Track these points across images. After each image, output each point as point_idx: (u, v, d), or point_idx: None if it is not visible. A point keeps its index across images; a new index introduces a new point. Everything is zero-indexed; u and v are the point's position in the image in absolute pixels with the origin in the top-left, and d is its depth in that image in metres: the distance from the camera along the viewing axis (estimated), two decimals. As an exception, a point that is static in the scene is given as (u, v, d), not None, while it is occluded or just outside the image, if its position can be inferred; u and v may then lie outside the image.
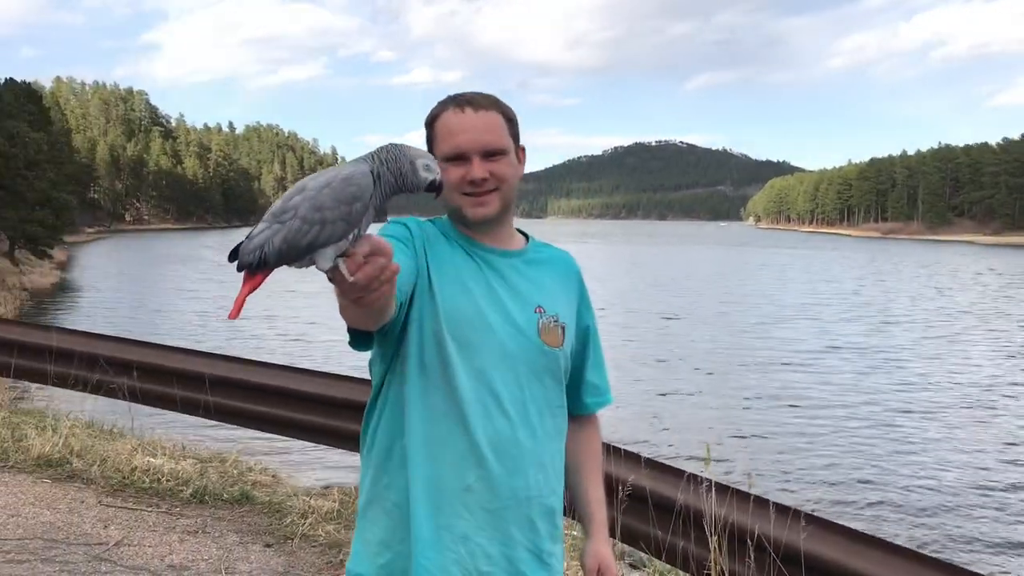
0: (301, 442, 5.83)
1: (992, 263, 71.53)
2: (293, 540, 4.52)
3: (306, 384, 5.21)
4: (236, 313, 1.25)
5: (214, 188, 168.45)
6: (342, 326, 1.50)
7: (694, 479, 3.74)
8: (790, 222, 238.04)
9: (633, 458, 3.94)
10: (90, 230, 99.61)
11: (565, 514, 2.08)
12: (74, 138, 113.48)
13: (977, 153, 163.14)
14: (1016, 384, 18.45)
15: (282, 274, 1.31)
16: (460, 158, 1.66)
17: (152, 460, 5.43)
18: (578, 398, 1.88)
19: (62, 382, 5.71)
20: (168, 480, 5.19)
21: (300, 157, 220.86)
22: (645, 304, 34.12)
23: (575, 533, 4.34)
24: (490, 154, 1.67)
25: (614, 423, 13.34)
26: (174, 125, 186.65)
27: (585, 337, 1.87)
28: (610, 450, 3.91)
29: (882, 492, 10.83)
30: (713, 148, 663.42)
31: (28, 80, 58.72)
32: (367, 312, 1.39)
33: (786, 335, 25.36)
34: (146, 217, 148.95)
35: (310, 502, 5.01)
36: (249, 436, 6.70)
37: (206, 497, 5.05)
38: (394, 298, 1.46)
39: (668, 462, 4.15)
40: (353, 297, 1.25)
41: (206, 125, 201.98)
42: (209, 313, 27.92)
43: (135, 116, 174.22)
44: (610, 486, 3.76)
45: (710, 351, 22.15)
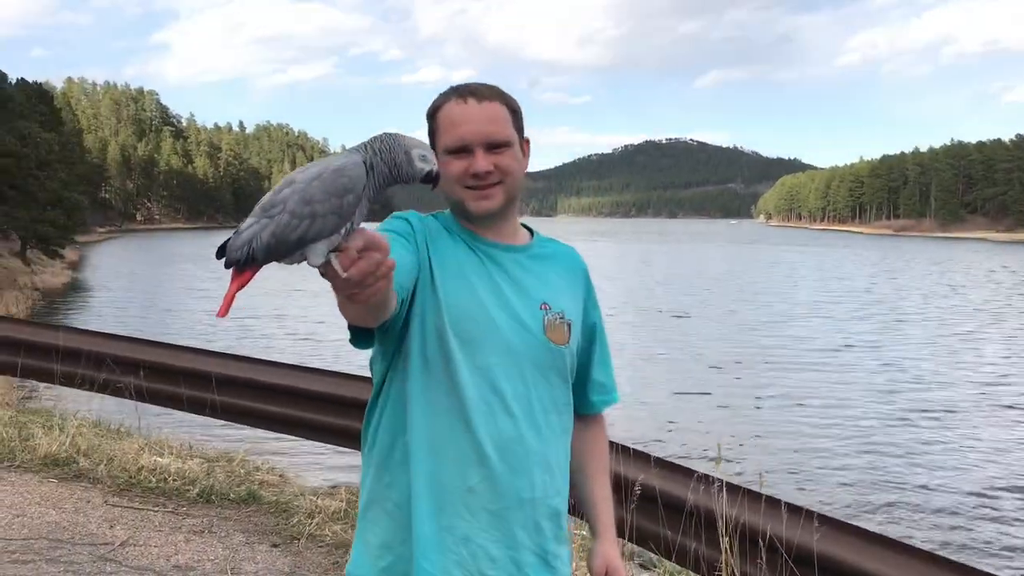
0: (309, 441, 5.80)
1: (1006, 260, 71.07)
2: (300, 540, 4.49)
3: (314, 383, 5.18)
4: (225, 311, 1.21)
5: (224, 187, 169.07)
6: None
7: (705, 479, 3.69)
8: (801, 220, 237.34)
9: (643, 458, 3.90)
10: (101, 230, 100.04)
11: (571, 514, 2.04)
12: (85, 138, 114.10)
13: (990, 150, 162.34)
14: (1032, 382, 18.27)
15: (288, 274, 1.26)
16: (463, 150, 1.62)
17: (159, 459, 5.40)
18: (584, 396, 1.84)
19: (69, 381, 5.70)
20: (175, 480, 5.17)
21: (310, 156, 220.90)
22: (655, 302, 34.01)
23: (583, 533, 4.29)
24: (494, 146, 1.62)
25: (624, 422, 13.28)
26: (185, 125, 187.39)
27: (591, 334, 1.83)
28: (619, 449, 3.87)
29: (896, 493, 10.69)
30: (724, 146, 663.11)
31: (39, 81, 59.13)
32: (365, 309, 1.35)
33: (798, 333, 25.19)
34: (157, 217, 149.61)
35: (317, 502, 4.98)
36: (257, 435, 6.68)
37: (213, 497, 5.02)
38: (394, 294, 1.42)
39: (679, 462, 4.10)
40: (347, 293, 1.20)
41: (216, 125, 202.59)
42: (215, 311, 27.94)
43: (146, 116, 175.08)
44: (620, 486, 3.71)
45: (721, 349, 22.02)
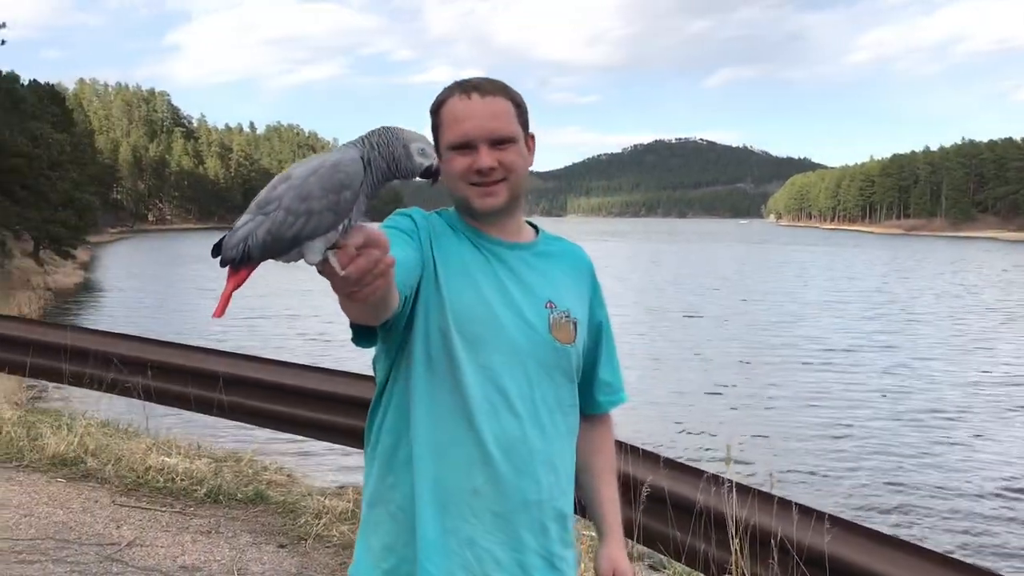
0: (317, 442, 5.78)
1: (1018, 259, 70.63)
2: (307, 541, 4.47)
3: (322, 383, 5.16)
4: (221, 311, 1.18)
5: (235, 188, 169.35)
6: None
7: (715, 480, 3.65)
8: (811, 219, 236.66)
9: (652, 458, 3.86)
10: (113, 230, 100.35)
11: (579, 515, 2.01)
12: (97, 139, 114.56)
13: (1002, 148, 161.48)
14: (1046, 383, 18.11)
15: (298, 273, 1.23)
16: (466, 146, 1.59)
17: (167, 459, 5.40)
18: (590, 396, 1.81)
19: (77, 381, 5.70)
20: (182, 480, 5.16)
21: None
22: (665, 302, 33.93)
23: (591, 534, 4.26)
24: (498, 142, 1.59)
25: (634, 422, 13.22)
26: (196, 125, 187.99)
27: (598, 333, 1.80)
28: (628, 449, 3.84)
29: (909, 494, 10.59)
30: (733, 145, 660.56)
31: (51, 82, 59.27)
32: (366, 307, 1.32)
33: (809, 333, 25.07)
34: (168, 217, 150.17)
35: (324, 502, 4.97)
36: (265, 435, 6.66)
37: (220, 497, 5.01)
38: (396, 292, 1.39)
39: (688, 462, 4.07)
40: (346, 292, 1.18)
41: (227, 125, 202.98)
42: (230, 312, 28.01)
43: (157, 117, 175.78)
44: (629, 486, 3.68)
45: (731, 349, 21.94)
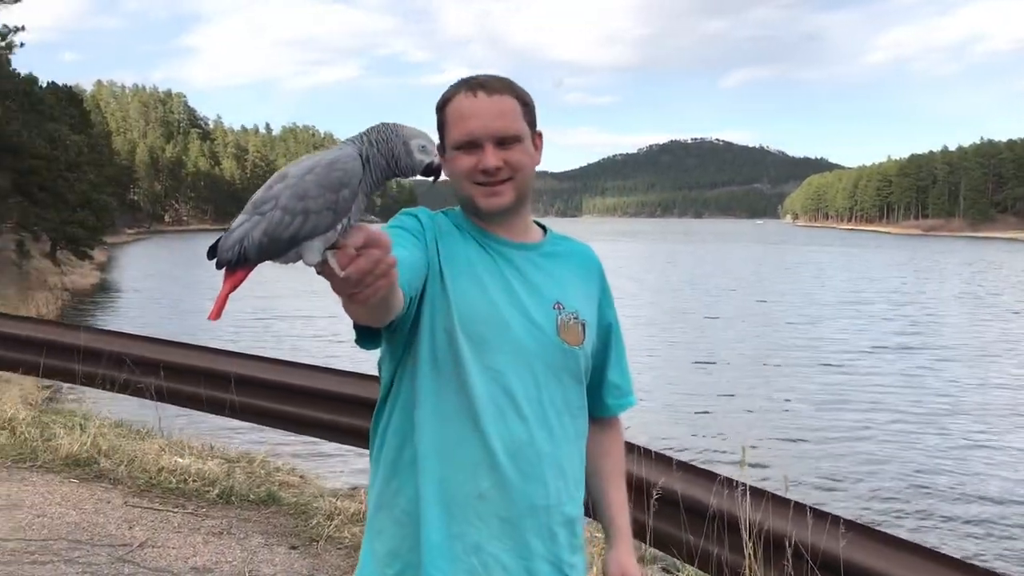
0: (330, 443, 5.77)
1: (1038, 260, 69.99)
2: (318, 542, 4.46)
3: (331, 383, 5.15)
4: (217, 314, 1.15)
5: (251, 189, 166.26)
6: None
7: (728, 483, 3.61)
8: (828, 219, 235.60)
9: (664, 461, 3.82)
10: (130, 231, 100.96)
11: (590, 518, 1.98)
12: (114, 140, 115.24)
13: (1021, 148, 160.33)
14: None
15: (310, 273, 1.19)
16: (472, 145, 1.56)
17: (179, 460, 5.40)
18: (599, 399, 1.78)
19: (90, 381, 5.71)
20: (195, 480, 5.15)
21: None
22: (682, 303, 33.81)
23: (601, 535, 4.22)
24: (504, 141, 1.56)
25: (648, 425, 13.17)
26: (212, 127, 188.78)
27: (607, 335, 1.77)
28: (641, 452, 3.80)
29: (928, 499, 10.44)
30: (750, 145, 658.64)
31: (69, 84, 59.63)
32: (369, 308, 1.30)
33: (827, 334, 24.88)
34: (185, 218, 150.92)
35: (336, 503, 4.95)
36: (278, 436, 6.66)
37: (232, 498, 5.00)
38: (401, 293, 1.36)
39: (703, 465, 4.03)
40: (347, 293, 1.15)
41: (243, 127, 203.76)
42: (245, 313, 28.13)
43: (174, 118, 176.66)
44: (642, 489, 3.65)
45: (748, 351, 21.82)
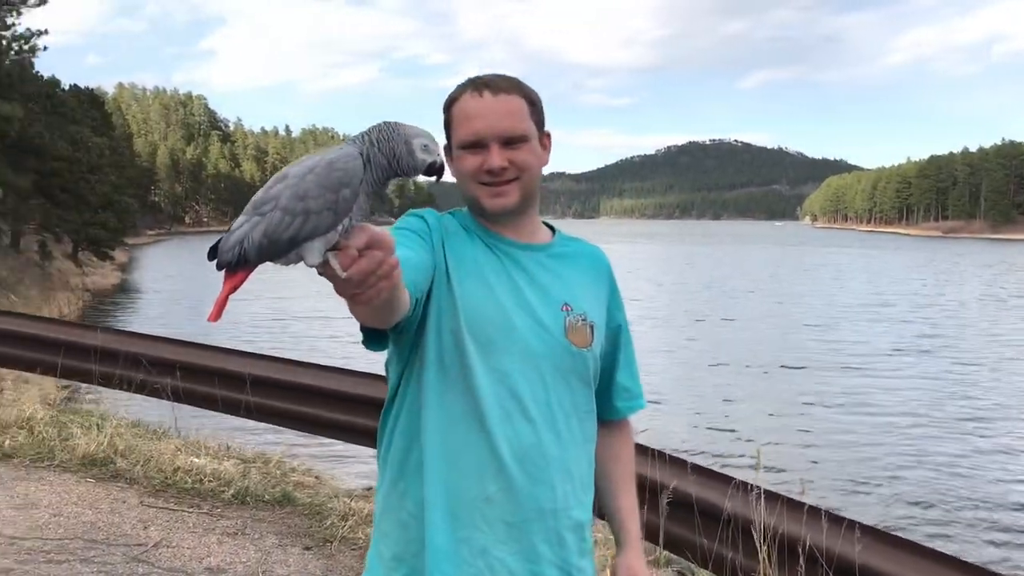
0: (346, 444, 5.77)
1: (1060, 262, 69.23)
2: (332, 543, 4.47)
3: (349, 385, 5.16)
4: (216, 316, 1.15)
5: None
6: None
7: (743, 486, 3.59)
8: (847, 221, 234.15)
9: (679, 464, 3.80)
10: (151, 232, 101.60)
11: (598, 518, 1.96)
12: (135, 142, 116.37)
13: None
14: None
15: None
16: (477, 145, 1.55)
17: (195, 460, 5.42)
18: (608, 402, 1.76)
19: (107, 382, 5.75)
20: (210, 481, 5.17)
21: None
22: (700, 305, 33.67)
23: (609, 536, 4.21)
24: (510, 141, 1.55)
25: (665, 427, 13.12)
26: (232, 129, 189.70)
27: (616, 337, 1.75)
28: (655, 455, 3.79)
29: (948, 505, 10.27)
30: (768, 147, 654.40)
31: (92, 86, 60.11)
32: (372, 310, 1.29)
33: (846, 337, 24.70)
34: (205, 219, 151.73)
35: (351, 504, 4.96)
36: (295, 437, 6.69)
37: (247, 498, 5.02)
38: (407, 294, 1.36)
39: (719, 468, 4.02)
40: (349, 295, 1.14)
41: (263, 129, 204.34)
42: (263, 314, 28.27)
43: (194, 120, 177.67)
44: (655, 492, 3.64)
45: (766, 353, 21.69)
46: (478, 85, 1.57)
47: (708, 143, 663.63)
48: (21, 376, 7.52)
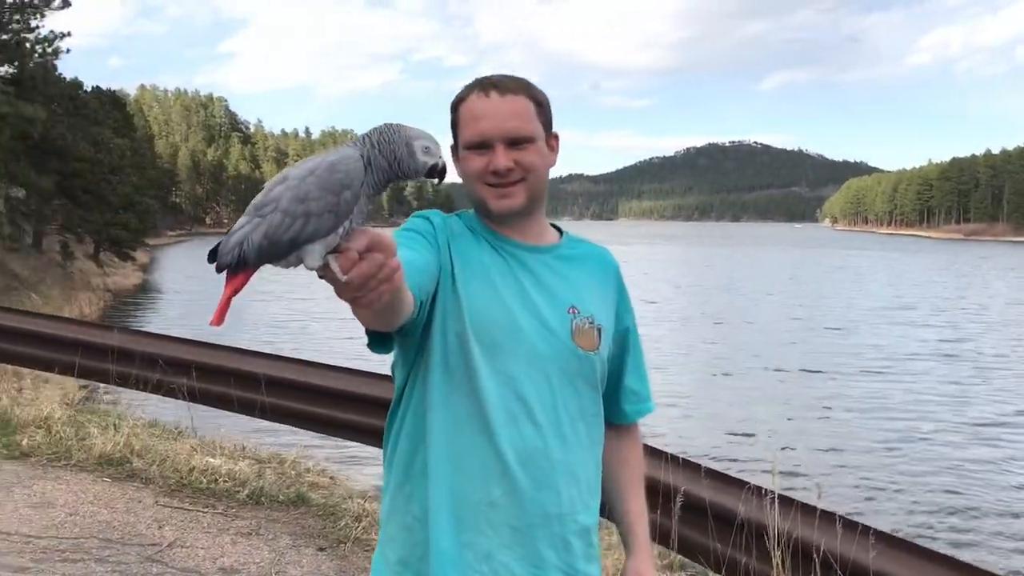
0: (362, 445, 5.78)
1: (1085, 266, 68.38)
2: (346, 544, 4.46)
3: (365, 386, 5.14)
4: (219, 319, 1.13)
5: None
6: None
7: (757, 491, 3.56)
8: (867, 224, 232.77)
9: (692, 468, 3.78)
10: (171, 233, 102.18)
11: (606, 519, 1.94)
12: (156, 144, 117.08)
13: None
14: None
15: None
16: (483, 146, 1.54)
17: (211, 460, 5.43)
18: (616, 405, 1.74)
19: (123, 382, 5.78)
20: (225, 481, 5.18)
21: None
22: (719, 308, 33.50)
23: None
24: (516, 142, 1.54)
25: (681, 431, 13.07)
26: (252, 131, 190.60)
27: (624, 340, 1.73)
28: (668, 458, 3.77)
29: (969, 513, 10.10)
30: (788, 148, 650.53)
31: (114, 88, 60.51)
32: (374, 313, 1.28)
33: (868, 340, 24.45)
34: (225, 220, 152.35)
35: (365, 505, 4.96)
36: (311, 438, 6.69)
37: (262, 499, 5.02)
38: (410, 297, 1.34)
39: (736, 472, 3.99)
40: (349, 297, 1.14)
41: (283, 131, 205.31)
42: (281, 315, 28.40)
43: (215, 122, 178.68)
44: (669, 496, 3.61)
45: (785, 356, 21.55)
46: (485, 85, 1.57)
47: (727, 145, 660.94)
48: (40, 376, 7.58)
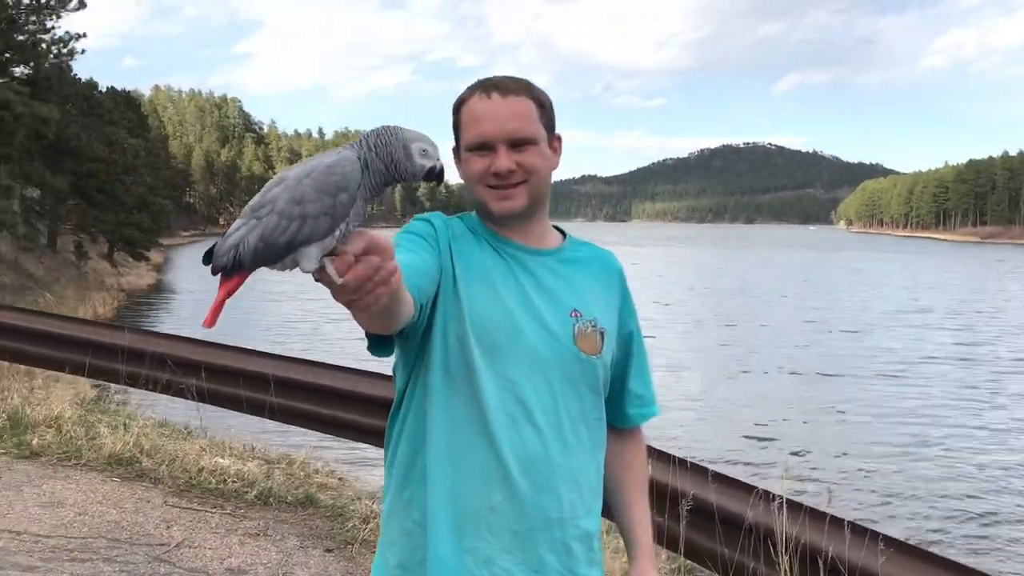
0: (370, 447, 5.77)
1: (1102, 269, 67.81)
2: (353, 545, 4.46)
3: (373, 388, 5.14)
4: (211, 321, 1.13)
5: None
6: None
7: (765, 496, 3.53)
8: (883, 226, 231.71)
9: (700, 471, 3.75)
10: (185, 233, 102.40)
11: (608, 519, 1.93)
12: (171, 144, 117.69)
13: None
14: None
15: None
16: (485, 147, 1.53)
17: (220, 461, 5.44)
18: (620, 409, 1.73)
19: (133, 382, 5.80)
20: (234, 481, 5.19)
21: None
22: (732, 310, 33.37)
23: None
24: (518, 143, 1.53)
25: (695, 434, 13.02)
26: (266, 131, 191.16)
27: (627, 344, 1.72)
28: (676, 462, 3.74)
29: (985, 521, 9.94)
30: (803, 150, 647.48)
31: (128, 88, 60.83)
32: (373, 316, 1.27)
33: (883, 344, 24.24)
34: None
35: (372, 507, 4.94)
36: (320, 438, 6.69)
37: (270, 499, 5.03)
38: (410, 300, 1.33)
39: (748, 476, 3.97)
40: (346, 301, 1.13)
41: (296, 131, 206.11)
42: (293, 316, 28.47)
43: (229, 123, 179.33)
44: (676, 500, 3.59)
45: (799, 359, 21.44)
46: (487, 87, 1.56)
47: (742, 146, 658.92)
48: (52, 375, 7.61)
